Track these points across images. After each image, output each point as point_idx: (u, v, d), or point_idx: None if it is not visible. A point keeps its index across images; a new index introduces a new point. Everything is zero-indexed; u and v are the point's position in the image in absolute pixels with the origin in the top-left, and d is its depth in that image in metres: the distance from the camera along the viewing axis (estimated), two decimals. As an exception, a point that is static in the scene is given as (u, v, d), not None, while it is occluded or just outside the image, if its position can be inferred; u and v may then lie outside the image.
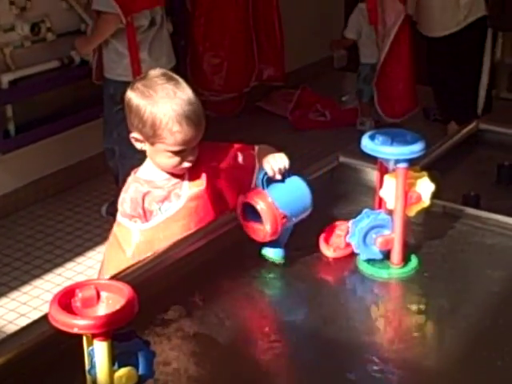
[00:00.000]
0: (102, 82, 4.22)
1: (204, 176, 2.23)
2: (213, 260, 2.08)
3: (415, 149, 1.96)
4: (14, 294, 3.74)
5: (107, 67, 4.16)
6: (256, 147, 2.29)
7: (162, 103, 2.13)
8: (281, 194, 2.02)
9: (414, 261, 2.08)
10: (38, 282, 3.83)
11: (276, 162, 2.08)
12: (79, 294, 1.42)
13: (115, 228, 2.28)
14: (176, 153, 2.17)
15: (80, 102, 4.23)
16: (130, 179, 2.27)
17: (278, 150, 2.18)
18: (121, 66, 4.11)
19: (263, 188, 2.03)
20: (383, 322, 1.92)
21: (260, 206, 1.99)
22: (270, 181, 2.05)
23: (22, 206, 4.49)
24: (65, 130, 4.44)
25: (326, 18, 6.36)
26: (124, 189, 2.27)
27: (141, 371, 1.47)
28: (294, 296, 1.98)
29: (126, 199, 2.24)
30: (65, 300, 1.41)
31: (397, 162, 1.98)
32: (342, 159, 2.54)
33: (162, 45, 4.23)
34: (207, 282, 1.99)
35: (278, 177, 2.05)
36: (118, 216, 2.26)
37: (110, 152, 4.25)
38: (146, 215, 2.22)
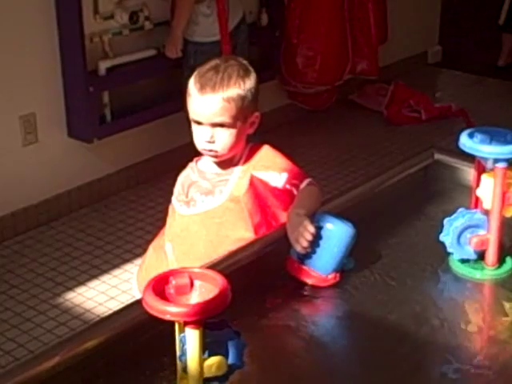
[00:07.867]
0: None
1: (249, 182, 2.15)
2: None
3: (515, 149, 1.93)
4: (105, 277, 3.81)
5: (200, 33, 4.23)
6: (302, 185, 2.13)
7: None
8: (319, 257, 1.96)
9: (509, 262, 2.04)
10: (128, 266, 3.88)
11: (300, 240, 1.94)
12: (173, 282, 1.43)
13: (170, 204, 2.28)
14: (196, 124, 2.13)
15: (175, 90, 4.26)
16: (190, 163, 2.27)
17: (372, 144, 2.14)
18: (211, 26, 4.19)
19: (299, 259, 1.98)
20: (476, 324, 1.89)
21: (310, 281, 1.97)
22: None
23: (115, 191, 4.56)
24: (159, 117, 4.49)
25: (421, 13, 6.27)
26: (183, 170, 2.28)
27: (230, 361, 1.47)
28: (386, 294, 1.96)
29: (178, 181, 2.26)
30: (159, 286, 1.43)
31: (496, 161, 1.94)
32: (437, 156, 2.50)
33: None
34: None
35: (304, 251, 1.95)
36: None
37: None
38: (188, 202, 2.20)
